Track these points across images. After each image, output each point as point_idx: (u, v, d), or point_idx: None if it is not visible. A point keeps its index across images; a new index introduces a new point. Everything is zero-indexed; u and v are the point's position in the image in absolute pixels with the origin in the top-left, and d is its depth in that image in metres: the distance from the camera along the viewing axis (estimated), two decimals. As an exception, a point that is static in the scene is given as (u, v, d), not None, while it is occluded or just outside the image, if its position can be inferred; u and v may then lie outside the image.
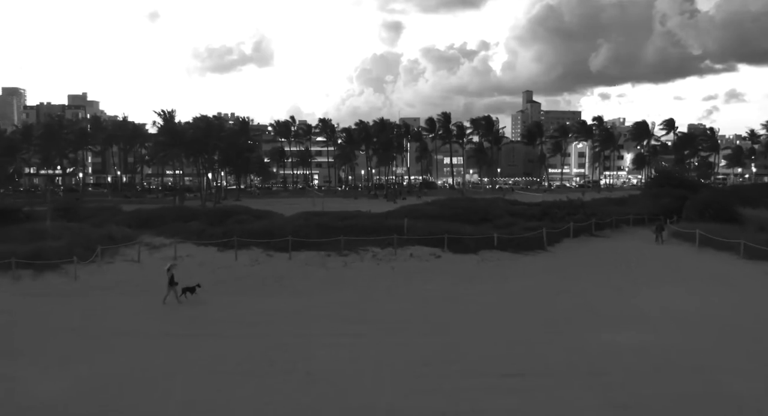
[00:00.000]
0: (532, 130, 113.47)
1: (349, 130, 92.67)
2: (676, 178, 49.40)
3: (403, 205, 43.70)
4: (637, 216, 37.77)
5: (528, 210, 36.78)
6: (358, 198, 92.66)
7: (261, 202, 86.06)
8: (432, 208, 38.63)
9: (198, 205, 73.84)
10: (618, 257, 28.39)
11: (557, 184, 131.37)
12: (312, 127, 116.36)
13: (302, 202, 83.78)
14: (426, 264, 27.36)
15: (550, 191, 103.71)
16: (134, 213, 36.54)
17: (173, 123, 64.63)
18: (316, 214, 37.18)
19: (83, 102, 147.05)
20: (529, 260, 28.13)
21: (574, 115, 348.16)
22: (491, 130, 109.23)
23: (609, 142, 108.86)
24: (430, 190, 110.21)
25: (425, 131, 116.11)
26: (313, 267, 26.82)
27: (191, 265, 26.93)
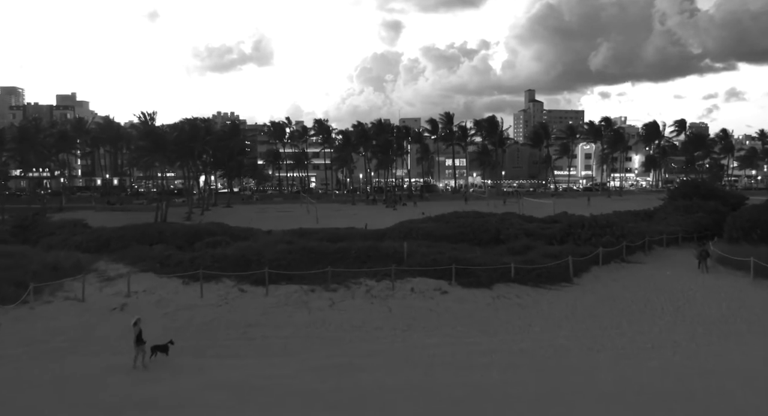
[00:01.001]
0: (538, 131, 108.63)
1: (346, 133, 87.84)
2: (705, 187, 44.52)
3: (402, 222, 38.85)
4: (671, 235, 32.99)
5: (546, 230, 32.00)
6: (356, 203, 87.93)
7: (253, 208, 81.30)
8: (435, 226, 33.92)
9: (185, 211, 69.05)
10: (660, 293, 23.63)
11: (564, 186, 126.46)
12: (308, 129, 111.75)
13: (296, 210, 79.18)
14: (430, 302, 22.64)
15: (558, 195, 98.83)
16: (95, 233, 31.85)
17: (154, 126, 60.06)
18: (303, 235, 32.45)
19: (72, 102, 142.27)
20: (554, 297, 23.39)
21: (576, 115, 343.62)
22: (495, 131, 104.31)
23: (618, 143, 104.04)
24: (432, 195, 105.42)
25: (427, 132, 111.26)
26: (293, 308, 22.10)
27: (146, 304, 22.29)
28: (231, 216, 70.46)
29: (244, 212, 75.89)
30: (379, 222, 64.34)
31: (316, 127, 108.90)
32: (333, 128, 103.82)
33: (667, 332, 19.18)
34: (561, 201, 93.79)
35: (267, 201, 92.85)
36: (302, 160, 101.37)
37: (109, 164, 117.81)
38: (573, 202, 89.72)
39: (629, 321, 20.35)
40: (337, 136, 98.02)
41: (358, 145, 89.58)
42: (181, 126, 72.40)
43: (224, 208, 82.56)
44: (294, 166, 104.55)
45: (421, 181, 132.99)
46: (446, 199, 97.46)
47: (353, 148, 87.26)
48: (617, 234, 29.63)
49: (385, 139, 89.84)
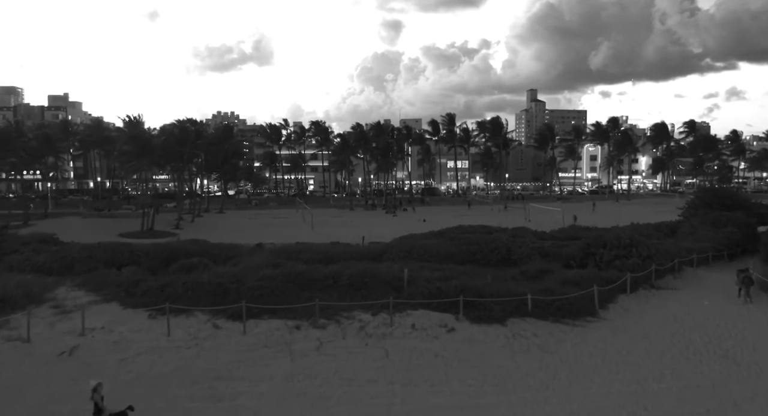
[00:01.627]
0: (544, 132, 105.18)
1: (343, 135, 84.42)
2: (729, 196, 41.15)
3: (403, 237, 35.53)
4: (701, 254, 29.65)
5: (563, 248, 28.67)
6: (354, 208, 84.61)
7: (246, 214, 77.90)
8: (439, 244, 30.60)
9: (175, 218, 65.77)
10: (702, 331, 20.32)
11: (569, 189, 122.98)
12: (306, 130, 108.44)
13: (291, 216, 75.77)
14: (434, 343, 19.34)
15: (564, 199, 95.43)
16: (60, 253, 28.53)
17: (140, 129, 56.81)
18: (292, 256, 29.14)
19: (64, 103, 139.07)
20: (579, 336, 20.07)
21: (579, 115, 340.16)
22: (499, 132, 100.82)
23: (627, 146, 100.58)
24: (433, 198, 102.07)
25: (428, 134, 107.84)
26: (274, 351, 18.79)
27: (101, 347, 19.04)
28: (222, 224, 67.33)
29: (237, 219, 72.68)
30: (378, 231, 61.07)
31: (314, 128, 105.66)
32: (331, 130, 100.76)
33: (721, 387, 15.88)
34: (567, 205, 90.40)
35: (262, 206, 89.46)
36: (299, 162, 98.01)
37: (102, 167, 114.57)
38: (579, 206, 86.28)
39: (672, 370, 17.05)
40: (335, 138, 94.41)
41: (357, 147, 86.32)
42: (170, 129, 69.12)
43: (217, 214, 79.27)
44: (291, 168, 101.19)
45: (422, 184, 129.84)
46: (448, 203, 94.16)
47: (351, 150, 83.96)
48: (643, 256, 26.30)
49: (384, 142, 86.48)
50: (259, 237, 54.96)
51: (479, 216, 73.12)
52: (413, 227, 65.11)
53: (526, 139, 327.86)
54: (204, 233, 58.91)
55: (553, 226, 63.65)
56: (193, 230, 61.96)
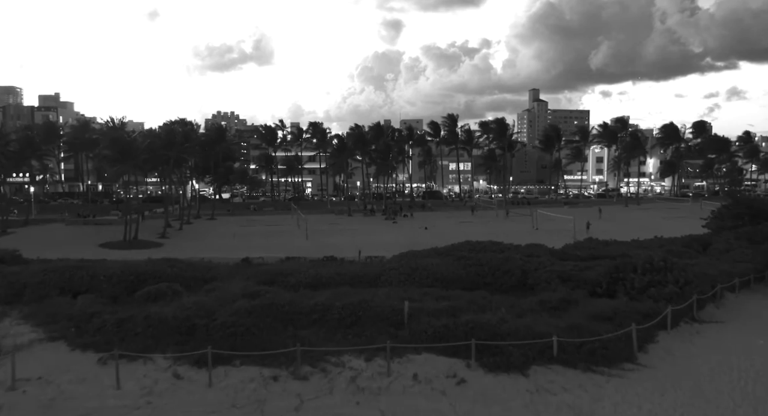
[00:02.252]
0: (549, 134, 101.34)
1: (341, 137, 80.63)
2: (762, 206, 37.49)
3: (403, 257, 31.89)
4: (742, 277, 26.08)
5: (586, 271, 25.10)
6: (352, 214, 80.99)
7: (238, 220, 74.13)
8: (444, 265, 27.00)
9: (163, 225, 62.18)
10: (765, 380, 16.68)
11: (575, 191, 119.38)
12: (303, 131, 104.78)
13: (286, 222, 72.05)
14: (441, 402, 15.73)
15: (571, 204, 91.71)
16: (12, 277, 24.96)
17: (122, 133, 53.18)
18: (277, 278, 25.64)
19: (55, 103, 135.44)
20: (618, 391, 16.43)
21: (582, 114, 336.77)
22: (504, 134, 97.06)
23: (637, 148, 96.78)
24: (435, 202, 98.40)
25: (429, 136, 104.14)
26: (243, 413, 15.20)
27: (31, 407, 15.46)
28: (212, 232, 63.77)
29: (228, 226, 69.06)
30: (377, 241, 57.56)
31: (311, 129, 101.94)
32: (329, 130, 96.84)
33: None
34: (575, 211, 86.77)
35: (257, 212, 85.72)
36: (295, 165, 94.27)
37: (93, 169, 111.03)
38: (588, 212, 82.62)
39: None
40: (332, 138, 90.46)
41: (355, 149, 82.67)
42: (156, 132, 65.44)
43: (207, 221, 75.64)
44: (288, 171, 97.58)
45: (423, 187, 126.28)
46: (451, 207, 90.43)
47: (349, 153, 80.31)
48: (681, 282, 22.67)
49: (384, 144, 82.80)
50: (248, 249, 51.50)
51: (483, 224, 69.73)
52: (414, 236, 61.67)
53: (528, 139, 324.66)
54: (190, 243, 55.47)
55: (565, 236, 60.13)
56: (180, 240, 58.43)
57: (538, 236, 61.16)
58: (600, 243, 36.75)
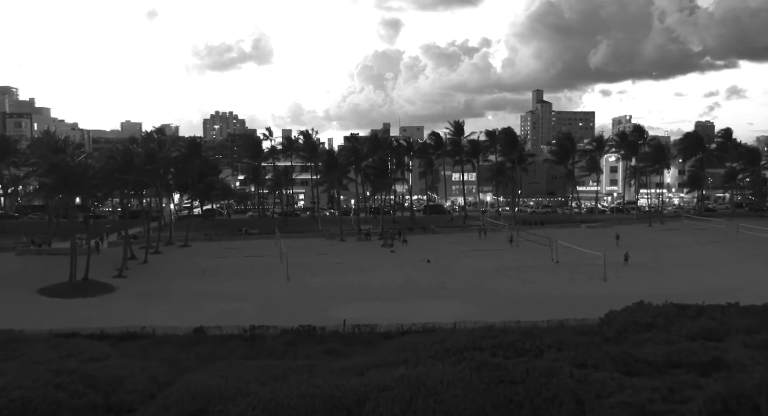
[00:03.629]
0: (564, 144, 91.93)
1: (332, 153, 71.37)
2: None
3: (404, 376, 22.91)
4: None
5: (680, 408, 16.22)
6: (345, 238, 71.97)
7: (216, 248, 64.95)
8: (460, 388, 18.10)
9: (134, 255, 53.22)
10: None
11: (588, 204, 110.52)
12: (294, 140, 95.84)
13: (269, 251, 62.76)
14: None
15: (588, 224, 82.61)
16: None
17: (62, 158, 44.19)
18: (210, 408, 16.81)
19: (30, 109, 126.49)
20: None
21: (586, 116, 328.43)
22: (514, 146, 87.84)
23: (660, 160, 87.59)
24: (438, 220, 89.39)
25: (431, 148, 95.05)
26: None
27: None
28: (179, 268, 54.79)
29: (202, 257, 60.03)
30: (370, 282, 48.70)
31: (302, 139, 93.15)
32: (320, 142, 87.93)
33: None
34: (593, 232, 77.84)
35: (236, 236, 76.35)
36: (282, 181, 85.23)
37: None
38: (603, 234, 73.57)
39: None
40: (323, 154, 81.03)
41: (348, 165, 73.91)
42: (112, 151, 56.49)
43: (181, 248, 66.66)
44: (274, 186, 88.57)
45: (424, 199, 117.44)
46: (456, 229, 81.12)
47: (341, 170, 71.46)
48: None
49: (381, 159, 73.76)
50: (214, 298, 42.88)
51: (494, 254, 60.86)
52: (415, 272, 52.88)
53: (533, 142, 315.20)
54: (147, 288, 46.65)
55: (593, 272, 51.42)
56: (138, 280, 49.53)
57: (560, 272, 52.46)
58: (662, 314, 27.79)
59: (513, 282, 48.20)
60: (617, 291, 45.02)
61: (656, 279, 49.02)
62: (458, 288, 46.12)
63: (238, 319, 37.68)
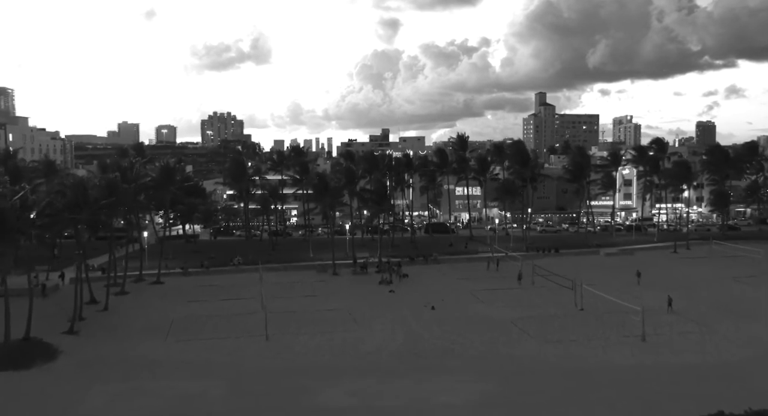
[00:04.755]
0: (578, 161, 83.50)
1: (323, 177, 63.41)
2: None
3: None
4: None
5: None
6: (338, 271, 64.22)
7: (191, 287, 56.75)
8: None
9: (75, 313, 45.52)
10: None
11: (602, 220, 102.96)
12: (288, 154, 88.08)
13: (248, 293, 54.56)
14: None
15: (606, 250, 74.83)
16: None
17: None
18: None
19: (6, 118, 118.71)
20: None
21: (591, 119, 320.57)
22: (526, 164, 79.86)
23: (685, 178, 79.68)
24: (440, 238, 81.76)
25: (434, 166, 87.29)
26: None
27: None
28: (144, 318, 46.94)
29: (173, 300, 52.37)
30: (364, 345, 41.27)
31: (293, 155, 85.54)
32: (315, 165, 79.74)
33: None
34: (611, 263, 70.20)
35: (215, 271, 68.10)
36: (267, 205, 77.23)
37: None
38: (625, 265, 66.11)
39: None
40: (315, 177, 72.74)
41: (341, 190, 66.20)
42: (61, 186, 48.61)
43: (151, 287, 58.95)
44: (260, 211, 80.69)
45: (426, 215, 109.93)
46: (461, 258, 73.12)
47: (334, 194, 63.74)
48: None
49: (378, 181, 65.75)
50: (179, 364, 35.83)
51: (507, 294, 53.11)
52: (417, 324, 45.20)
53: (535, 145, 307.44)
54: (99, 351, 39.06)
55: (626, 326, 43.93)
56: (91, 338, 41.91)
57: (588, 325, 44.46)
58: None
59: (534, 343, 40.54)
60: (662, 357, 37.56)
61: (703, 337, 41.48)
62: (469, 354, 38.51)
63: (198, 413, 30.20)
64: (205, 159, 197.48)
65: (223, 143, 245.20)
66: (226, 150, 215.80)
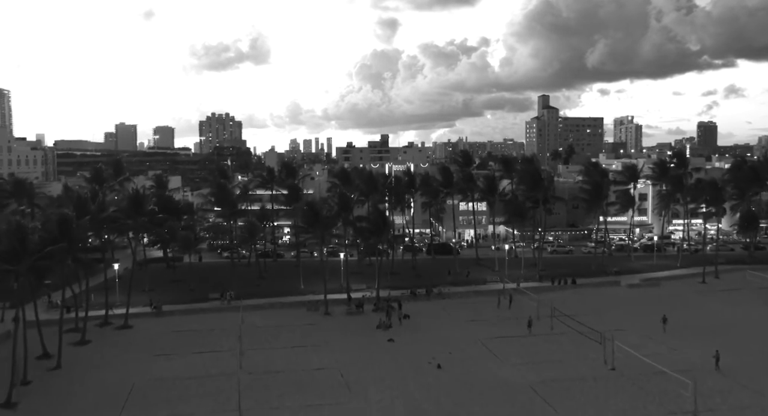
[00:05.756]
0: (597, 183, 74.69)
1: (313, 206, 55.98)
2: None
3: None
4: None
5: None
6: (330, 310, 57.14)
7: (161, 334, 49.25)
8: None
9: (12, 386, 38.53)
10: None
11: (616, 238, 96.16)
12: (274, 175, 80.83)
13: (226, 342, 47.63)
14: None
15: (629, 281, 67.66)
16: None
17: None
18: None
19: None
20: None
21: (595, 122, 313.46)
22: (538, 185, 72.37)
23: (716, 200, 71.97)
24: (444, 261, 74.82)
25: (438, 184, 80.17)
26: None
27: None
28: (101, 380, 39.95)
29: (137, 356, 45.31)
30: (361, 410, 34.34)
31: (284, 173, 78.55)
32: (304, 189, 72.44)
33: None
34: (635, 298, 63.20)
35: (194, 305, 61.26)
36: (255, 232, 70.02)
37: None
38: (650, 301, 59.31)
39: None
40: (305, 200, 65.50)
41: (334, 219, 59.13)
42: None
43: (116, 333, 51.94)
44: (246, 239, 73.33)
45: (427, 232, 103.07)
46: (469, 293, 65.91)
47: (326, 225, 56.58)
48: None
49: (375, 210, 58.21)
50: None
51: (522, 345, 45.94)
52: (421, 394, 37.94)
53: (538, 149, 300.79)
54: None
55: (669, 394, 37.06)
56: (30, 414, 35.02)
57: (623, 392, 36.88)
58: None
59: (563, 424, 33.60)
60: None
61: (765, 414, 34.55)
62: (485, 442, 31.56)
63: None
64: (197, 167, 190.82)
65: (216, 150, 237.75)
66: (219, 157, 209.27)
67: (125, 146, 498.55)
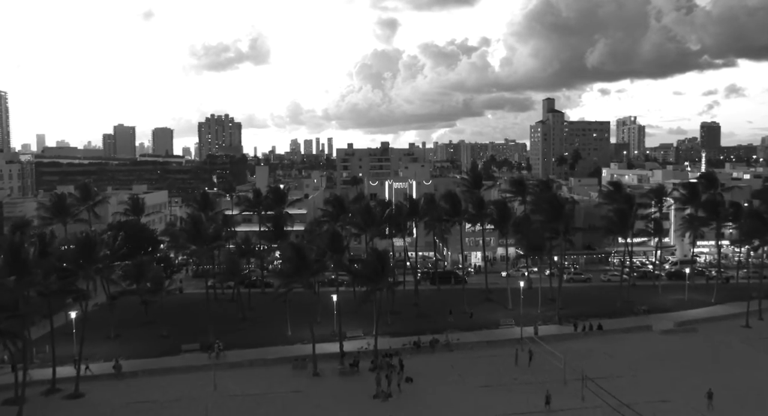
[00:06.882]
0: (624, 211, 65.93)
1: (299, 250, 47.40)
2: None
3: None
4: None
5: None
6: (319, 369, 48.73)
7: (127, 396, 41.32)
8: None
9: None
10: None
11: (642, 262, 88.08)
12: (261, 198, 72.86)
13: (198, 405, 39.61)
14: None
15: (663, 326, 59.13)
16: None
17: None
18: None
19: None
20: None
21: (601, 126, 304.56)
22: (559, 215, 63.54)
23: (758, 231, 63.40)
24: (450, 292, 66.56)
25: (444, 212, 71.86)
26: None
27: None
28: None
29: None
30: None
31: (271, 196, 70.57)
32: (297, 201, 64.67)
33: None
34: (671, 347, 54.73)
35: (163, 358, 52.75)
36: (237, 271, 61.70)
37: None
38: (690, 352, 51.24)
39: None
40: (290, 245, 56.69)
41: (324, 264, 50.84)
42: None
43: (64, 404, 43.59)
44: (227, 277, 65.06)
45: (430, 255, 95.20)
46: (482, 343, 57.38)
47: (314, 270, 48.22)
48: None
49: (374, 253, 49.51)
50: None
51: None
52: None
53: (543, 154, 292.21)
54: None
55: None
56: None
57: None
58: None
59: None
60: None
61: None
62: None
63: None
64: (189, 176, 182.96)
65: (209, 159, 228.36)
66: (212, 166, 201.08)
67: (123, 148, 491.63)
